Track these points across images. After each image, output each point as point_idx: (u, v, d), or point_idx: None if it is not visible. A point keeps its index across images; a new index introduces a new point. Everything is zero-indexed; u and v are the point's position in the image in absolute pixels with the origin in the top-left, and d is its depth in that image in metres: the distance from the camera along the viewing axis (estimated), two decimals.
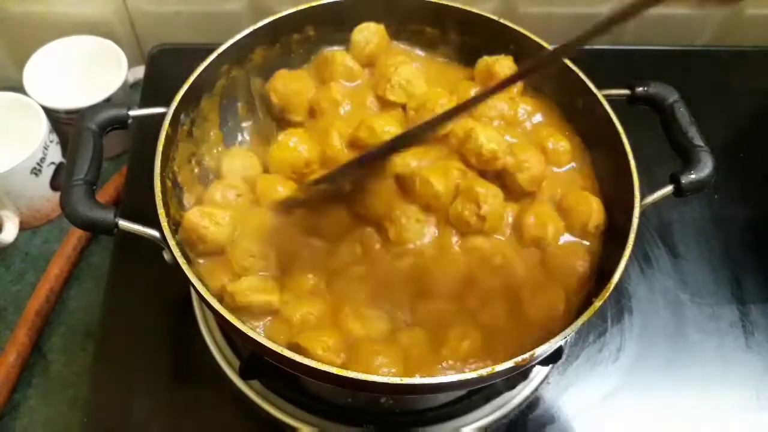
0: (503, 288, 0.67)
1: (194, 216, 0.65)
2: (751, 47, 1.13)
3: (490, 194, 0.68)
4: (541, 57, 0.72)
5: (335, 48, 0.82)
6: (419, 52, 0.85)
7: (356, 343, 0.62)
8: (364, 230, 0.69)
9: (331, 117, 0.76)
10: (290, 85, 0.77)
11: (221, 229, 0.66)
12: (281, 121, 0.78)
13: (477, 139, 0.69)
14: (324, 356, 0.58)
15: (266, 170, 0.74)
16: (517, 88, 0.79)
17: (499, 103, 0.76)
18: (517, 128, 0.77)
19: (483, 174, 0.71)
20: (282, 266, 0.67)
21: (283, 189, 0.70)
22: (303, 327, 0.62)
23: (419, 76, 0.78)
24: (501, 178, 0.72)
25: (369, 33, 0.81)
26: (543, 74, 0.78)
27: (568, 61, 0.75)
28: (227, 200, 0.70)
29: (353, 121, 0.74)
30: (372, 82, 0.80)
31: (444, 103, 0.74)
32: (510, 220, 0.71)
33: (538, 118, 0.79)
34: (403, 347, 0.62)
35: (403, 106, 0.77)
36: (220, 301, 0.60)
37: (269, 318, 0.64)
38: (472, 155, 0.70)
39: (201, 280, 0.61)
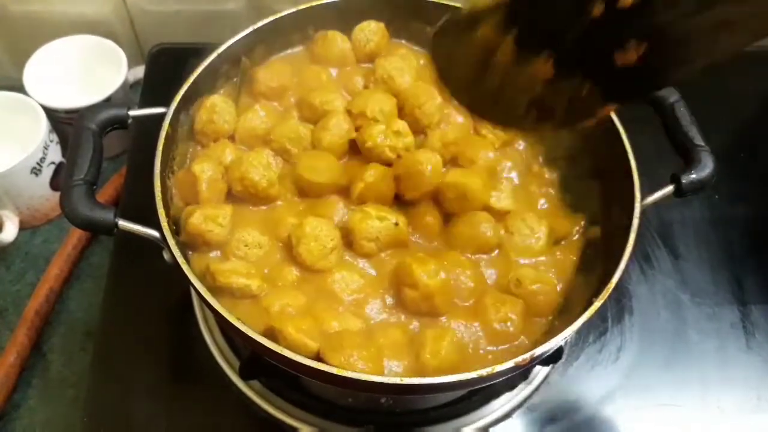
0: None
1: (197, 221, 0.65)
2: (750, 47, 1.13)
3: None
4: None
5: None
6: (420, 49, 0.85)
7: (334, 334, 0.62)
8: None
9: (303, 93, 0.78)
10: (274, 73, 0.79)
11: (224, 230, 0.66)
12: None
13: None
14: (298, 338, 0.58)
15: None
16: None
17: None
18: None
19: None
20: None
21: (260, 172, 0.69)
22: (280, 317, 0.62)
23: (405, 72, 0.78)
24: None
25: (369, 31, 0.81)
26: None
27: None
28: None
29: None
30: (362, 70, 0.81)
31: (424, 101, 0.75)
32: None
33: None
34: (379, 345, 0.62)
35: None
36: (202, 281, 0.60)
37: (248, 303, 0.64)
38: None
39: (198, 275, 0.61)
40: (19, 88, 0.94)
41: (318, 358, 0.58)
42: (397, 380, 0.55)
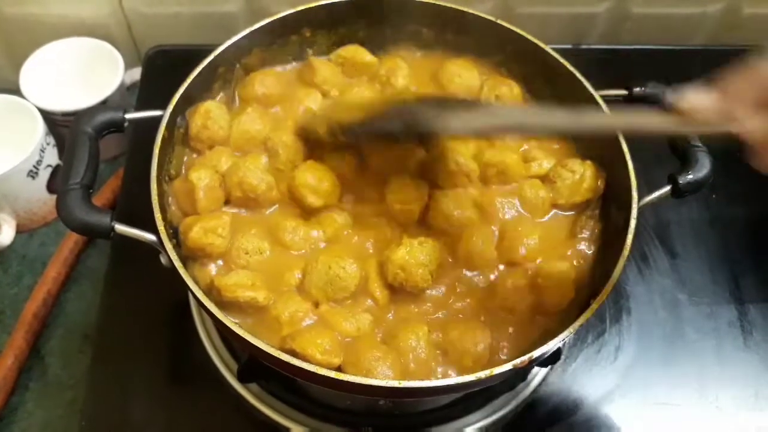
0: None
1: (197, 235, 0.64)
2: (749, 47, 1.13)
3: None
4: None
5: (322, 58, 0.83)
6: (418, 50, 0.85)
7: (352, 343, 0.62)
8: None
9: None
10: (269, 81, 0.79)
11: (224, 240, 0.66)
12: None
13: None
14: (323, 360, 0.58)
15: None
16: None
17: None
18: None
19: None
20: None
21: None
22: (293, 326, 0.62)
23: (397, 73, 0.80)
24: None
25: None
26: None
27: (565, 62, 0.75)
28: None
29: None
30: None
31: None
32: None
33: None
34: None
35: None
36: (208, 295, 0.60)
37: (257, 315, 0.64)
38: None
39: (197, 282, 0.61)
40: (16, 91, 0.94)
41: (340, 369, 0.58)
42: (394, 383, 0.55)
